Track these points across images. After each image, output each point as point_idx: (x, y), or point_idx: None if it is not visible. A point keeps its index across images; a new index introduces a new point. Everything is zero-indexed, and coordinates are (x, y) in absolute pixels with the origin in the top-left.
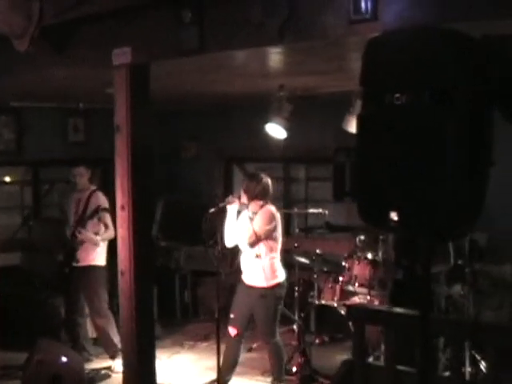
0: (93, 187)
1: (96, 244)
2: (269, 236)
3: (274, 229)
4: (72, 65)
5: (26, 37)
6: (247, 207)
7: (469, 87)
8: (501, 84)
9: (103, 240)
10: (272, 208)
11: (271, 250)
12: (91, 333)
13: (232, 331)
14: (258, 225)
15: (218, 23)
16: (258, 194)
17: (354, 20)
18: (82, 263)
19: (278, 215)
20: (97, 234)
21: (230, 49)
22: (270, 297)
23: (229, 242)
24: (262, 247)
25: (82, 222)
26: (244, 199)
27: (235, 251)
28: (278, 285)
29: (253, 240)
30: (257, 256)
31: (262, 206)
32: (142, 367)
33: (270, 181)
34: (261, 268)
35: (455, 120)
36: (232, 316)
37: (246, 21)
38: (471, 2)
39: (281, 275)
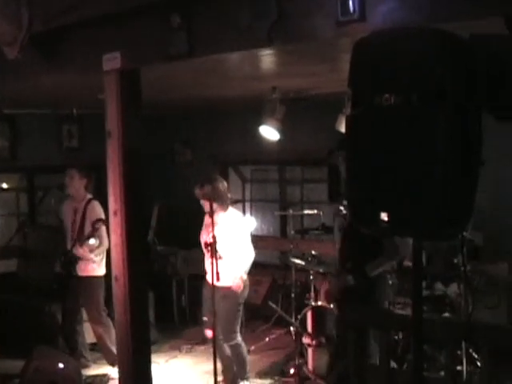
0: (89, 196)
1: (90, 260)
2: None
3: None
4: (62, 71)
5: (15, 44)
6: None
7: (458, 87)
8: (488, 83)
9: (96, 255)
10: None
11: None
12: (88, 338)
13: (208, 333)
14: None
15: (206, 27)
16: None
17: (341, 21)
18: (81, 273)
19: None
20: (91, 250)
21: (219, 52)
22: (232, 297)
23: None
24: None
25: (80, 236)
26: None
27: None
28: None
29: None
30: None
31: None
32: (137, 372)
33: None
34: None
35: (445, 120)
36: (205, 319)
37: (234, 24)
38: (458, 2)
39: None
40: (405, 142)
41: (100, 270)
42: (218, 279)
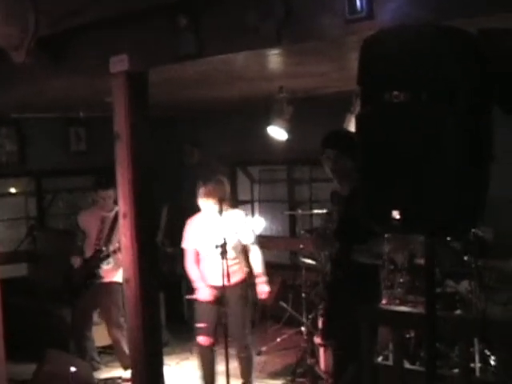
0: (116, 207)
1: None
2: None
3: None
4: (69, 74)
5: (22, 48)
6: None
7: (467, 83)
8: (498, 78)
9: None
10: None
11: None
12: (98, 342)
13: (203, 340)
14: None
15: (214, 27)
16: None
17: (350, 19)
18: (106, 279)
19: None
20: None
21: (227, 53)
22: (247, 296)
23: None
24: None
25: (109, 241)
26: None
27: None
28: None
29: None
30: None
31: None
32: (149, 374)
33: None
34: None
35: (454, 116)
36: (202, 325)
37: (242, 24)
38: None
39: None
40: (415, 139)
41: (121, 277)
42: (228, 280)
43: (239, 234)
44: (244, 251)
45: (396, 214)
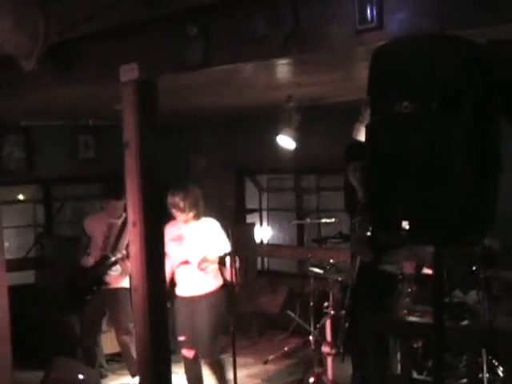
0: (124, 214)
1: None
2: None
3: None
4: (79, 82)
5: (32, 56)
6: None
7: (476, 93)
8: (506, 89)
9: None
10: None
11: None
12: (106, 349)
13: (188, 354)
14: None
15: (223, 37)
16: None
17: (359, 29)
18: (113, 285)
19: None
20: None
21: (235, 62)
22: (219, 306)
23: None
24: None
25: (116, 248)
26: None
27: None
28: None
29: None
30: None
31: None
32: (157, 382)
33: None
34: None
35: (463, 127)
36: (182, 338)
37: (251, 33)
38: (476, 8)
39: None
40: (424, 149)
41: (128, 283)
42: (199, 289)
43: (213, 244)
44: (220, 261)
45: (405, 225)
